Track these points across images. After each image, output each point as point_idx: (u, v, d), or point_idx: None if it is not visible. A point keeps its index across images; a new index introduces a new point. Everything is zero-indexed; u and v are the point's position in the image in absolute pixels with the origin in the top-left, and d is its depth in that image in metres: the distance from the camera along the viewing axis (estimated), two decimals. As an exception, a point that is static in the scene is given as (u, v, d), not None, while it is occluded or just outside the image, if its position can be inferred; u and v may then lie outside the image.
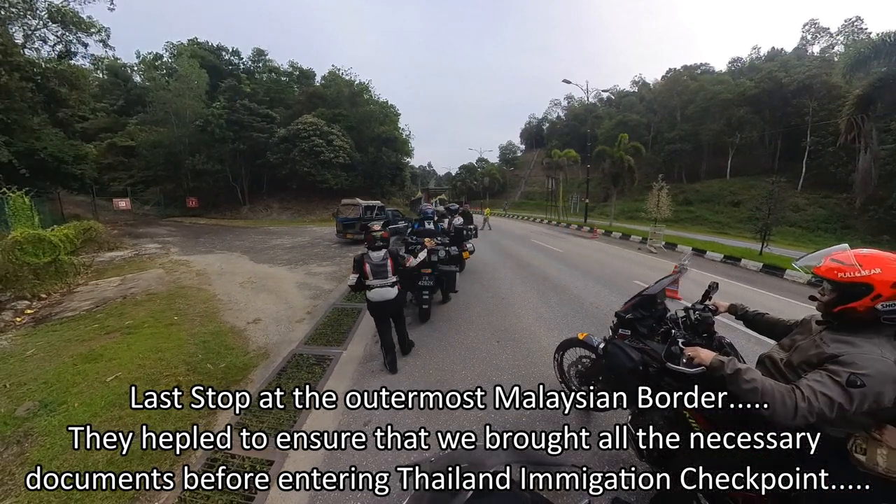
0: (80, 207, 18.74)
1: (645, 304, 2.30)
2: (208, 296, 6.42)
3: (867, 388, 1.17)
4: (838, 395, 1.19)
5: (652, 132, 48.55)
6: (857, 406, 1.18)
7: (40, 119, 17.40)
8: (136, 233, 15.90)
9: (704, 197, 37.31)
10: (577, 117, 65.37)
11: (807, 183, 32.76)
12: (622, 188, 26.54)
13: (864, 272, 1.29)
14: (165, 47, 36.33)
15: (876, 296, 1.27)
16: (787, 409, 1.23)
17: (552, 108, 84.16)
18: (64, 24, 18.01)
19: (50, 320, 5.11)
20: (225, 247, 12.63)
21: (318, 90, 35.61)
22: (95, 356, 3.91)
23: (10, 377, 3.53)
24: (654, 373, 1.86)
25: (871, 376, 1.18)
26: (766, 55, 51.63)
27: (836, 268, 1.35)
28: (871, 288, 1.28)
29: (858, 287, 1.30)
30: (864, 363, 1.21)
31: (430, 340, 4.55)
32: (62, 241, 7.38)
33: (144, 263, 9.06)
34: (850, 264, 1.33)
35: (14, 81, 14.67)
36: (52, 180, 17.05)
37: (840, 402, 1.18)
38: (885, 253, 1.36)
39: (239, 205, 29.43)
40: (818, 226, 27.64)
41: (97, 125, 29.65)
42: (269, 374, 3.73)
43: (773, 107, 37.05)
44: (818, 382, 1.24)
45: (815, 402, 1.20)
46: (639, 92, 66.06)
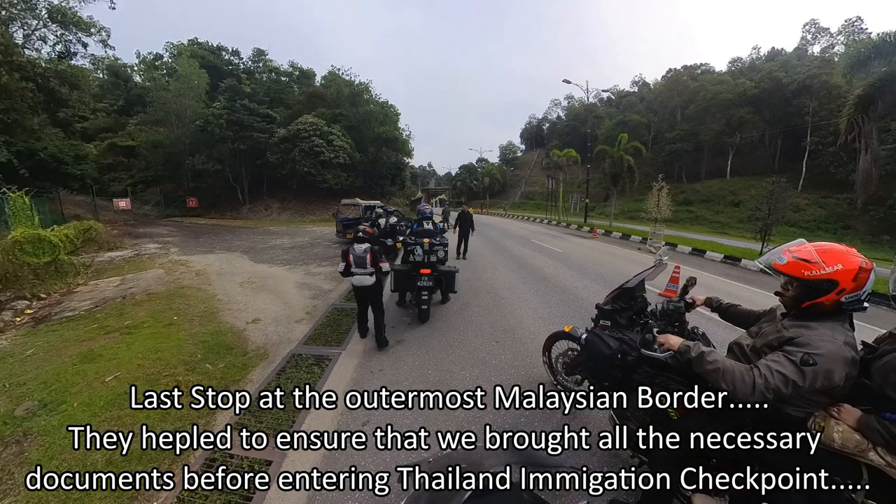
0: (81, 207, 18.74)
1: (624, 297, 2.42)
2: (208, 296, 6.42)
3: (818, 366, 1.27)
4: (792, 372, 1.28)
5: (652, 132, 48.58)
6: (809, 383, 1.28)
7: (40, 119, 17.43)
8: (136, 233, 15.90)
9: (704, 197, 37.35)
10: (577, 117, 65.37)
11: (807, 183, 32.81)
12: (622, 188, 26.55)
13: (829, 269, 1.35)
14: (165, 47, 36.47)
15: (840, 290, 1.35)
16: (746, 386, 1.32)
17: (552, 108, 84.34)
18: (64, 23, 18.02)
19: (49, 320, 5.12)
20: (225, 247, 12.63)
21: (319, 90, 35.62)
22: (95, 356, 3.91)
23: (10, 377, 3.53)
24: (633, 361, 1.96)
25: (823, 355, 1.28)
26: (767, 55, 51.70)
27: (803, 266, 1.39)
28: (836, 283, 1.34)
29: (824, 283, 1.36)
30: (817, 344, 1.31)
31: (429, 340, 4.54)
32: (62, 241, 7.39)
33: (144, 263, 9.06)
34: (815, 262, 1.38)
35: (14, 81, 14.69)
36: (52, 180, 17.07)
37: (794, 379, 1.28)
38: (840, 246, 1.43)
39: (239, 205, 29.45)
40: (818, 226, 27.69)
41: (97, 125, 29.70)
42: (268, 375, 3.73)
43: (773, 107, 37.11)
44: (775, 362, 1.33)
45: (772, 380, 1.29)
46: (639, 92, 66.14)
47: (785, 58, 44.87)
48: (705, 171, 41.88)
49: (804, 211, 29.47)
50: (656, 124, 49.42)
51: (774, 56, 49.03)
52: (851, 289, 1.34)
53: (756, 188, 18.63)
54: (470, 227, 10.36)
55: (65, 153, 17.80)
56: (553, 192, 36.00)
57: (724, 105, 38.95)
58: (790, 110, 35.61)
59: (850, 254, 1.38)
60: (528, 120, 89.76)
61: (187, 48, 34.42)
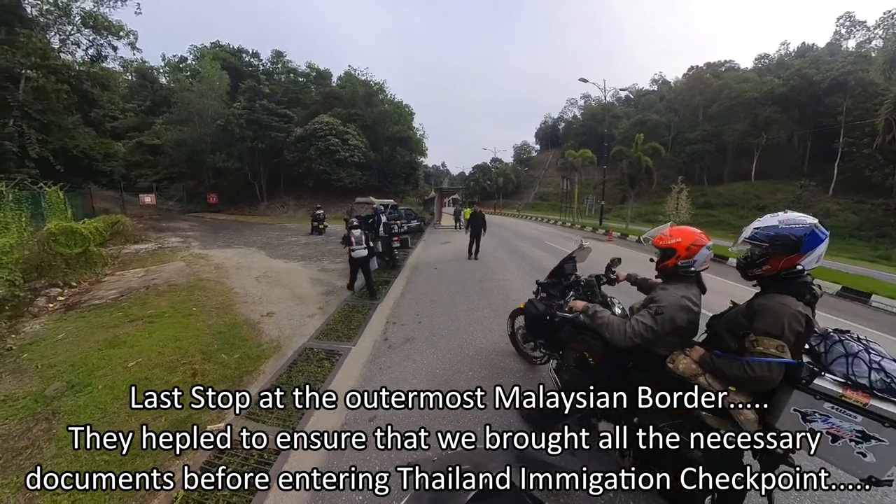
0: (109, 202, 19.63)
1: (556, 274, 3.29)
2: (225, 289, 6.64)
3: (664, 314, 1.82)
4: (650, 321, 1.84)
5: (672, 132, 47.16)
6: (661, 327, 1.82)
7: (74, 119, 18.38)
8: (160, 227, 16.54)
9: (727, 200, 35.96)
10: (593, 117, 64.12)
11: (839, 187, 31.14)
12: (639, 190, 25.91)
13: (673, 241, 1.97)
14: (189, 50, 37.74)
15: (677, 256, 1.94)
16: (620, 333, 1.89)
17: (568, 108, 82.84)
18: (96, 28, 18.90)
19: (79, 307, 5.40)
20: (242, 242, 13.00)
21: (335, 90, 36.19)
22: (119, 342, 4.11)
23: (42, 359, 3.76)
24: (558, 321, 2.60)
25: (667, 306, 1.84)
26: (797, 51, 49.27)
27: (660, 238, 2.03)
28: (675, 251, 1.95)
29: (668, 251, 1.98)
30: (665, 300, 1.87)
31: (439, 340, 4.57)
32: (92, 234, 7.78)
33: (167, 256, 9.43)
34: (666, 236, 2.01)
35: (51, 84, 15.58)
36: (84, 176, 17.99)
37: (651, 325, 1.83)
38: (687, 227, 2.04)
39: (257, 201, 30.24)
40: (850, 233, 26.16)
41: (126, 125, 31.04)
42: (280, 367, 3.82)
43: (802, 106, 35.33)
44: (640, 315, 1.89)
45: (637, 328, 1.85)
46: (659, 91, 64.29)
47: (816, 53, 42.58)
48: (728, 173, 40.32)
49: (835, 216, 27.97)
50: (676, 124, 47.94)
51: (805, 52, 46.63)
52: (684, 256, 1.92)
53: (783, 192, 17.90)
54: (482, 227, 10.34)
55: (96, 151, 18.74)
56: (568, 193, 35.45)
57: (750, 104, 37.35)
58: (821, 109, 33.78)
59: (691, 232, 1.97)
60: (544, 119, 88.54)
61: (210, 51, 35.54)
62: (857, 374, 1.39)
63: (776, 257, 1.59)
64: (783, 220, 1.60)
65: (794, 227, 1.57)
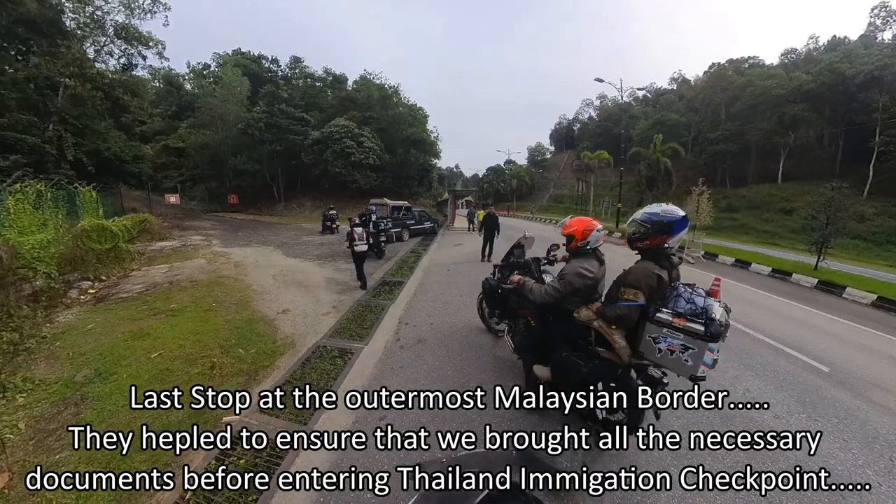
0: (137, 201, 20.60)
1: (507, 258, 4.21)
2: (244, 286, 6.86)
3: (566, 279, 2.58)
4: (557, 284, 2.64)
5: (693, 132, 45.75)
6: (564, 288, 2.58)
7: (106, 123, 19.46)
8: (184, 225, 17.21)
9: (751, 203, 34.54)
10: (610, 117, 62.90)
11: (874, 189, 29.45)
12: (658, 192, 25.25)
13: (572, 228, 2.72)
14: (212, 57, 39.16)
15: (576, 240, 2.70)
16: (540, 295, 2.73)
17: (584, 108, 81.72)
18: (127, 39, 19.99)
19: (108, 300, 5.70)
20: (260, 241, 13.38)
21: (351, 94, 36.80)
22: (143, 334, 4.32)
23: (72, 347, 3.99)
24: (505, 292, 3.63)
25: (567, 273, 2.60)
26: (826, 45, 46.79)
27: (565, 227, 2.79)
28: (574, 236, 2.71)
29: (569, 236, 2.75)
30: (567, 269, 2.65)
31: (450, 342, 4.59)
32: (121, 231, 8.20)
33: (189, 253, 9.80)
34: (567, 225, 2.77)
35: (87, 91, 16.62)
36: (114, 177, 19.02)
37: (557, 287, 2.62)
38: (582, 217, 2.88)
39: (275, 202, 31.06)
40: (888, 238, 24.66)
41: (153, 129, 32.52)
42: (294, 363, 3.91)
43: (833, 103, 33.54)
44: (553, 281, 2.76)
45: (550, 290, 2.66)
46: (678, 89, 62.49)
47: (849, 47, 40.21)
48: (752, 174, 38.68)
49: (870, 221, 26.44)
50: (697, 124, 46.45)
51: (836, 45, 44.14)
52: (580, 238, 2.68)
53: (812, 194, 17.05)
54: (495, 229, 10.29)
55: (125, 153, 19.77)
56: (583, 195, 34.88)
57: (776, 101, 35.72)
58: (855, 106, 31.94)
59: (584, 221, 2.73)
60: (559, 121, 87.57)
61: (231, 58, 36.78)
62: (678, 307, 2.00)
63: (654, 236, 2.17)
64: (664, 210, 2.17)
65: (670, 215, 2.14)
